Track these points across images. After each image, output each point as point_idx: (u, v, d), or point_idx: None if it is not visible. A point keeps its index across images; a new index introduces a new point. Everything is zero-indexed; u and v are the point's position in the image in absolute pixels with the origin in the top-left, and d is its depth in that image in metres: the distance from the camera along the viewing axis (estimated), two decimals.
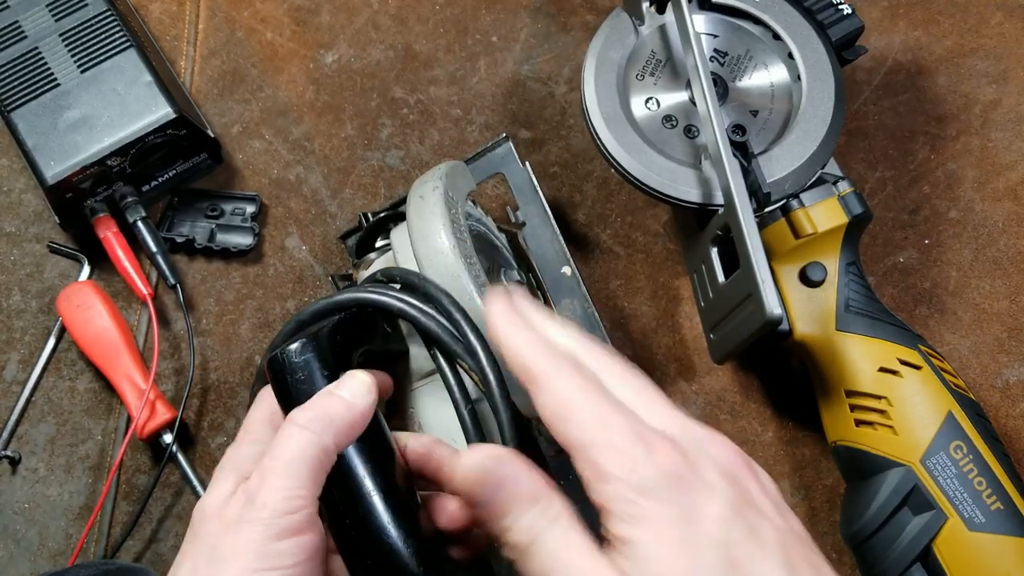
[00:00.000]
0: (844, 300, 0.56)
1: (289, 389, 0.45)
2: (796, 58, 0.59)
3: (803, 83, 0.58)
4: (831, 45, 0.59)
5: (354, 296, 0.51)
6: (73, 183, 0.64)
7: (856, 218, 0.57)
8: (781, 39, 0.60)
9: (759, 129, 0.58)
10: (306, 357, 0.45)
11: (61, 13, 0.68)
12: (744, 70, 0.60)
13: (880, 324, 0.56)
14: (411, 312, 0.50)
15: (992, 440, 0.53)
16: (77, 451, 0.66)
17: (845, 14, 0.59)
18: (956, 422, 0.53)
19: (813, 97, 0.58)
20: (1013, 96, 0.65)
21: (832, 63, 0.58)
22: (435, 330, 0.49)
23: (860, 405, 0.55)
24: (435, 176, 0.56)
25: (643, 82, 0.60)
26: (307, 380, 0.45)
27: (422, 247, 0.52)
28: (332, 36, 0.74)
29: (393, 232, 0.58)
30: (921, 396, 0.53)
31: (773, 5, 0.60)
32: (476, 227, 0.60)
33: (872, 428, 0.54)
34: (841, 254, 0.57)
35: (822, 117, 0.57)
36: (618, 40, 0.61)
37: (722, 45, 0.61)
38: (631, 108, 0.60)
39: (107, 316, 0.66)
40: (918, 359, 0.54)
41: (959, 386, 0.54)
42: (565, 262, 0.62)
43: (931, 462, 0.52)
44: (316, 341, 0.46)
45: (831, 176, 0.58)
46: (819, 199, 0.57)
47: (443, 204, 0.53)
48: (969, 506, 0.51)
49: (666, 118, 0.59)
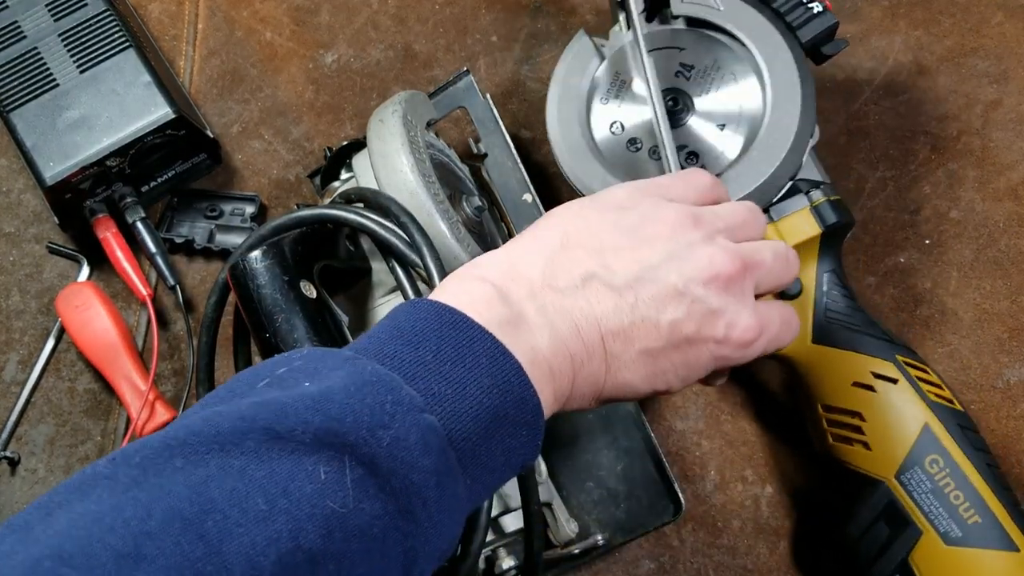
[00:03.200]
0: (822, 311, 0.55)
1: (251, 295, 0.47)
2: (760, 66, 0.56)
3: (768, 94, 0.55)
4: (801, 48, 0.56)
5: (313, 212, 0.52)
6: (72, 183, 0.64)
7: (830, 228, 0.55)
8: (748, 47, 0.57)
9: (726, 143, 0.56)
10: (267, 263, 0.47)
11: (60, 13, 0.68)
12: (712, 82, 0.57)
13: (857, 336, 0.55)
14: (367, 224, 0.51)
15: (974, 451, 0.52)
16: (77, 452, 0.66)
17: (816, 12, 0.56)
18: (933, 435, 0.52)
19: (778, 108, 0.55)
20: (1014, 96, 0.64)
21: (800, 70, 0.55)
22: (390, 239, 0.50)
23: (836, 420, 0.54)
24: (395, 101, 0.58)
25: (607, 105, 0.59)
26: (268, 285, 0.47)
27: (381, 167, 0.54)
28: (332, 36, 0.73)
29: (355, 158, 0.60)
30: (896, 411, 0.53)
31: (739, 11, 0.57)
32: (438, 156, 0.61)
33: (848, 443, 0.54)
34: (819, 264, 0.56)
35: (786, 128, 0.54)
36: (581, 65, 0.60)
37: (688, 58, 0.58)
38: (594, 135, 0.59)
39: (106, 317, 0.66)
40: (894, 371, 0.53)
41: (941, 396, 0.54)
42: (526, 190, 0.62)
43: (905, 477, 0.52)
44: (277, 249, 0.47)
45: (806, 183, 0.56)
46: (790, 211, 0.56)
47: (402, 126, 0.55)
48: (945, 521, 0.51)
49: (631, 141, 0.58)
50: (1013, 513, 0.51)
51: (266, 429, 0.32)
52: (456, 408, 0.36)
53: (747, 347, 0.44)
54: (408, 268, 0.50)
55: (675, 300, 0.42)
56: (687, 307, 0.42)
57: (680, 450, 0.62)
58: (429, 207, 0.53)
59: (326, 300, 0.52)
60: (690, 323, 0.42)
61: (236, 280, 0.48)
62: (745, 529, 0.61)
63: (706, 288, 0.42)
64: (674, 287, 0.42)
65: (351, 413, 0.33)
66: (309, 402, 0.33)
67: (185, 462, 0.31)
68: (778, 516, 0.61)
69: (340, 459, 0.32)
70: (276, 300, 0.47)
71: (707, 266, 0.43)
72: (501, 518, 0.54)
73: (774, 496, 0.61)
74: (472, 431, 0.36)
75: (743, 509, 0.61)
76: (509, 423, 0.37)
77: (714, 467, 0.62)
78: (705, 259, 0.43)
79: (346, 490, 0.32)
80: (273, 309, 0.47)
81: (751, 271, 0.44)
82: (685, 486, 0.61)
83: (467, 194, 0.60)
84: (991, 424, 0.59)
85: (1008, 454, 0.59)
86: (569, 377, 0.41)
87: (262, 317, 0.48)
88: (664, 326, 0.42)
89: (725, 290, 0.43)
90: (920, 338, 0.61)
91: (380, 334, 0.38)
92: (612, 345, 0.41)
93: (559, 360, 0.40)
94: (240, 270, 0.48)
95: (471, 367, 0.37)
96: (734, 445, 0.62)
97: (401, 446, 0.33)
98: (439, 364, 0.37)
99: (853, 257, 0.63)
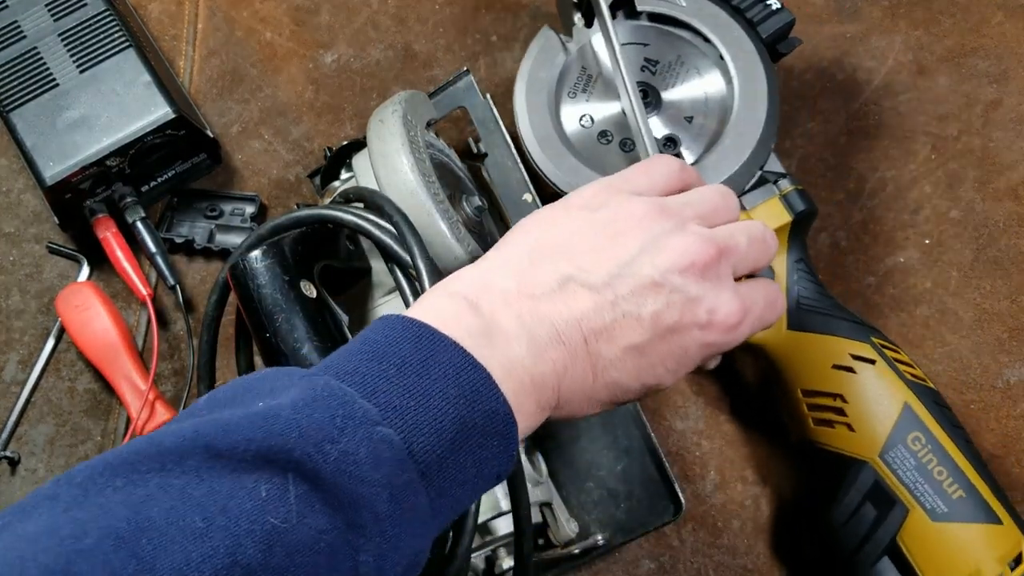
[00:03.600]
0: (795, 298, 0.56)
1: (251, 294, 0.47)
2: (727, 60, 0.57)
3: (735, 86, 0.57)
4: (762, 43, 0.58)
5: (312, 212, 0.53)
6: (72, 183, 0.64)
7: (800, 215, 0.57)
8: (711, 42, 0.58)
9: (695, 136, 0.58)
10: (267, 263, 0.47)
11: (60, 13, 0.67)
12: (676, 76, 0.59)
13: (832, 320, 0.55)
14: (362, 224, 0.51)
15: (952, 427, 0.53)
16: (77, 452, 0.66)
17: (774, 9, 0.58)
18: (913, 413, 0.53)
19: (746, 99, 0.57)
20: (1014, 96, 0.64)
21: (764, 63, 0.57)
22: (383, 239, 0.50)
23: (816, 404, 0.55)
24: (394, 101, 0.58)
25: (575, 99, 0.60)
26: (268, 285, 0.47)
27: (381, 166, 0.54)
28: (331, 36, 0.73)
29: (355, 158, 0.60)
30: (876, 391, 0.53)
31: (701, 8, 0.58)
32: (438, 156, 0.61)
33: (830, 427, 0.54)
34: (788, 252, 0.57)
35: (756, 120, 0.56)
36: (547, 60, 0.60)
37: (652, 53, 0.59)
38: (564, 128, 0.59)
39: (106, 317, 0.66)
40: (872, 353, 0.54)
41: (916, 376, 0.54)
42: (526, 190, 0.62)
43: (890, 456, 0.52)
44: (278, 249, 0.47)
45: (772, 175, 0.57)
46: (761, 200, 0.57)
47: (402, 126, 0.55)
48: (931, 497, 0.51)
49: (601, 134, 0.59)
50: (992, 487, 0.52)
51: (207, 447, 0.32)
52: (418, 420, 0.35)
53: (733, 330, 0.44)
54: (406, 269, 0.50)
55: (654, 292, 0.42)
56: (666, 297, 0.42)
57: (680, 450, 0.62)
58: (429, 207, 0.53)
59: (326, 300, 0.52)
60: (671, 312, 0.42)
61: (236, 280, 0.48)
62: (745, 529, 0.61)
63: (683, 276, 0.42)
64: (651, 279, 0.42)
65: (296, 428, 0.33)
66: (256, 419, 0.33)
67: (126, 481, 0.31)
68: (778, 516, 0.61)
69: (283, 475, 0.32)
70: (276, 300, 0.47)
71: (681, 255, 0.43)
72: (500, 519, 0.54)
73: (774, 496, 0.61)
74: (436, 443, 0.35)
75: (743, 509, 0.61)
76: (478, 434, 0.37)
77: (714, 467, 0.62)
78: (679, 248, 0.43)
79: (288, 505, 0.32)
80: (273, 309, 0.47)
81: (726, 255, 0.44)
82: (685, 486, 0.61)
83: (467, 194, 0.60)
84: (991, 424, 0.59)
85: (1008, 454, 0.59)
86: (553, 385, 0.40)
87: (262, 317, 0.48)
88: (646, 319, 0.42)
89: (702, 276, 0.43)
90: (920, 338, 0.61)
91: (348, 349, 0.39)
92: (595, 346, 0.41)
93: (540, 368, 0.40)
94: (240, 270, 0.48)
95: (436, 378, 0.36)
96: (734, 445, 0.62)
97: (349, 460, 0.33)
98: (402, 377, 0.36)
99: (853, 257, 0.63)
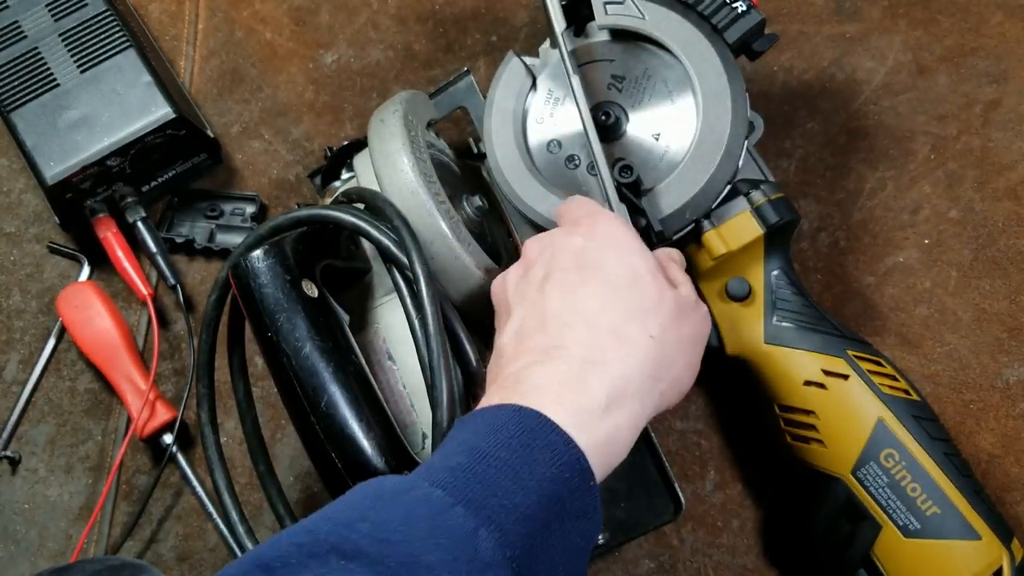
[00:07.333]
0: (772, 311, 0.55)
1: (253, 294, 0.46)
2: (689, 74, 0.55)
3: (698, 101, 0.54)
4: (729, 49, 0.55)
5: (311, 212, 0.53)
6: (73, 183, 0.64)
7: (773, 227, 0.55)
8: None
9: (661, 154, 0.56)
10: (269, 262, 0.47)
11: (61, 13, 0.68)
12: (643, 91, 0.56)
13: (808, 333, 0.55)
14: (361, 225, 0.51)
15: (931, 441, 0.52)
16: (77, 451, 0.66)
17: (741, 12, 0.55)
18: (887, 429, 0.52)
19: (708, 114, 0.54)
20: (1014, 96, 0.65)
21: (728, 71, 0.54)
22: (385, 243, 0.50)
23: (791, 420, 0.55)
24: (395, 101, 0.58)
25: (543, 125, 0.58)
26: (270, 285, 0.47)
27: (382, 166, 0.55)
28: (331, 36, 0.74)
29: (356, 158, 0.60)
30: (848, 407, 0.53)
31: (663, 18, 0.56)
32: (439, 156, 0.61)
33: (805, 443, 0.54)
34: (765, 264, 0.56)
35: (718, 135, 0.54)
36: (514, 87, 0.59)
37: (619, 69, 0.57)
38: (532, 155, 0.58)
39: (107, 316, 0.66)
40: (845, 367, 0.54)
41: (895, 388, 0.54)
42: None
43: (861, 473, 0.52)
44: (279, 248, 0.47)
45: (746, 185, 0.55)
46: (731, 215, 0.55)
47: (402, 126, 0.55)
48: (903, 514, 0.51)
49: (568, 159, 0.58)
50: (974, 501, 0.51)
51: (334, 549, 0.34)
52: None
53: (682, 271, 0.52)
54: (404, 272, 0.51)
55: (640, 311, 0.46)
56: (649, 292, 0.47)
57: (680, 450, 0.63)
58: (430, 207, 0.53)
59: (328, 299, 0.52)
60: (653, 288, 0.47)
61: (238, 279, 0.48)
62: (745, 529, 0.61)
63: (654, 277, 0.47)
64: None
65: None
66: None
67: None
68: (778, 516, 0.61)
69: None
70: (278, 299, 0.47)
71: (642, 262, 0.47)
72: None
73: (774, 496, 0.61)
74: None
75: (743, 509, 0.61)
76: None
77: (714, 467, 0.62)
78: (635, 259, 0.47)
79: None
80: (275, 308, 0.47)
81: (668, 259, 0.52)
82: (685, 485, 0.61)
83: (467, 194, 0.60)
84: (991, 424, 0.60)
85: (1007, 453, 0.59)
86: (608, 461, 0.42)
87: (264, 316, 0.48)
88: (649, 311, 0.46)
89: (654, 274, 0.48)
90: (919, 338, 0.62)
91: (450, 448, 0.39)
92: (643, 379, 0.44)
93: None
94: (242, 269, 0.48)
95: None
96: (734, 445, 0.62)
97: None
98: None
99: (853, 257, 0.64)
